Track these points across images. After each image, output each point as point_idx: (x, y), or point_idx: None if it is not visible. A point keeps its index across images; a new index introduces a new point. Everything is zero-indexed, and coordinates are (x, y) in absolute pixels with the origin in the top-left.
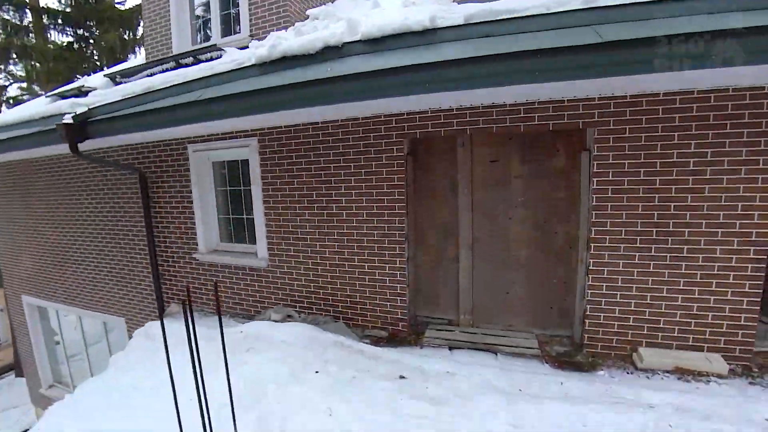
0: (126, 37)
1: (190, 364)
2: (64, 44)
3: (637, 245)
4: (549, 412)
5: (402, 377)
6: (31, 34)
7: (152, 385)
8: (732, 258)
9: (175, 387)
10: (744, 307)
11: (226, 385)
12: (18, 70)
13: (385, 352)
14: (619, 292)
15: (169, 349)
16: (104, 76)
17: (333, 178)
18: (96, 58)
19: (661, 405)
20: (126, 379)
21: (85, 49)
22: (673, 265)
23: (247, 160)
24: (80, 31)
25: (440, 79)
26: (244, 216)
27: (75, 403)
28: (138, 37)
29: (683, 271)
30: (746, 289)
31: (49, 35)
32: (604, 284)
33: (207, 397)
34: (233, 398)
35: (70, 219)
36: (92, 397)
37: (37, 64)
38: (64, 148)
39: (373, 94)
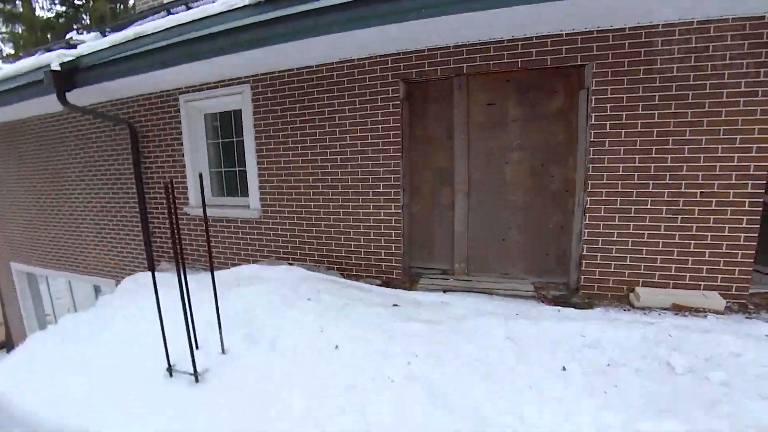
0: (117, 8)
1: (179, 303)
2: (53, 15)
3: (635, 182)
4: (547, 329)
5: (395, 305)
6: (18, 2)
7: (138, 313)
8: (729, 193)
9: (162, 315)
10: (741, 243)
11: (214, 314)
12: (7, 48)
13: (378, 289)
14: (616, 231)
15: (158, 292)
16: (94, 29)
17: (327, 123)
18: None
19: (659, 323)
20: (113, 313)
21: (74, 20)
22: (670, 201)
23: (240, 110)
24: (67, 8)
25: (435, 3)
26: (236, 168)
27: (58, 331)
28: (129, 7)
29: (681, 207)
30: (743, 225)
31: (36, 4)
32: (601, 223)
33: (194, 321)
34: (221, 323)
35: (58, 181)
36: (77, 326)
37: (25, 32)
38: (52, 100)
39: (366, 23)
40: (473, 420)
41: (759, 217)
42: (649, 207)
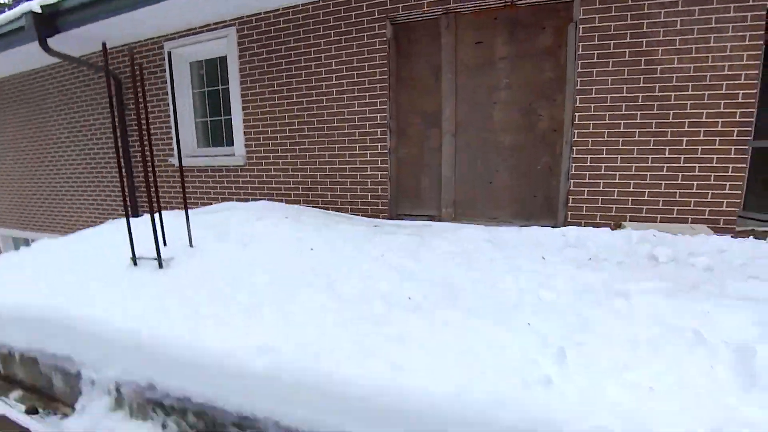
0: None
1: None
2: None
3: (623, 112)
4: (528, 232)
5: (376, 226)
6: None
7: (109, 233)
8: (718, 122)
9: (132, 226)
10: (729, 174)
11: (186, 231)
12: None
13: (362, 218)
14: (603, 165)
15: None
16: None
17: (313, 63)
18: None
19: (644, 232)
20: (86, 236)
21: None
22: (658, 131)
23: (225, 56)
24: None
25: None
26: (222, 117)
27: (29, 250)
28: None
29: (669, 138)
30: (732, 155)
31: None
32: (588, 156)
33: (164, 229)
34: (192, 229)
35: (43, 140)
36: (49, 244)
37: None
38: (35, 51)
39: None
40: (443, 287)
41: (748, 147)
42: (636, 138)
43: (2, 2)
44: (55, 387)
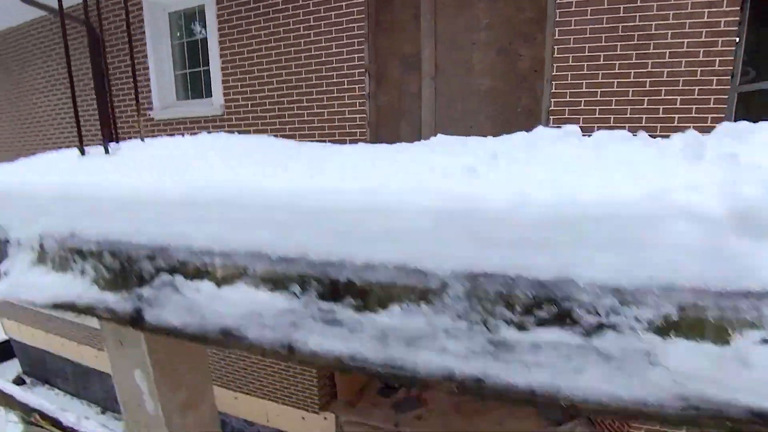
0: None
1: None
2: None
3: (602, 44)
4: (496, 138)
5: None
6: None
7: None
8: (699, 52)
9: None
10: (711, 106)
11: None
12: None
13: None
14: (582, 99)
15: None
16: None
17: (290, 5)
18: None
19: None
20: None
21: None
22: (638, 63)
23: (204, 4)
24: None
25: None
26: (201, 69)
27: None
28: None
29: (649, 69)
30: (713, 86)
31: None
32: (568, 91)
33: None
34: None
35: (22, 101)
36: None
37: None
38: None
39: None
40: (390, 159)
41: (729, 77)
42: (616, 71)
43: None
44: None
